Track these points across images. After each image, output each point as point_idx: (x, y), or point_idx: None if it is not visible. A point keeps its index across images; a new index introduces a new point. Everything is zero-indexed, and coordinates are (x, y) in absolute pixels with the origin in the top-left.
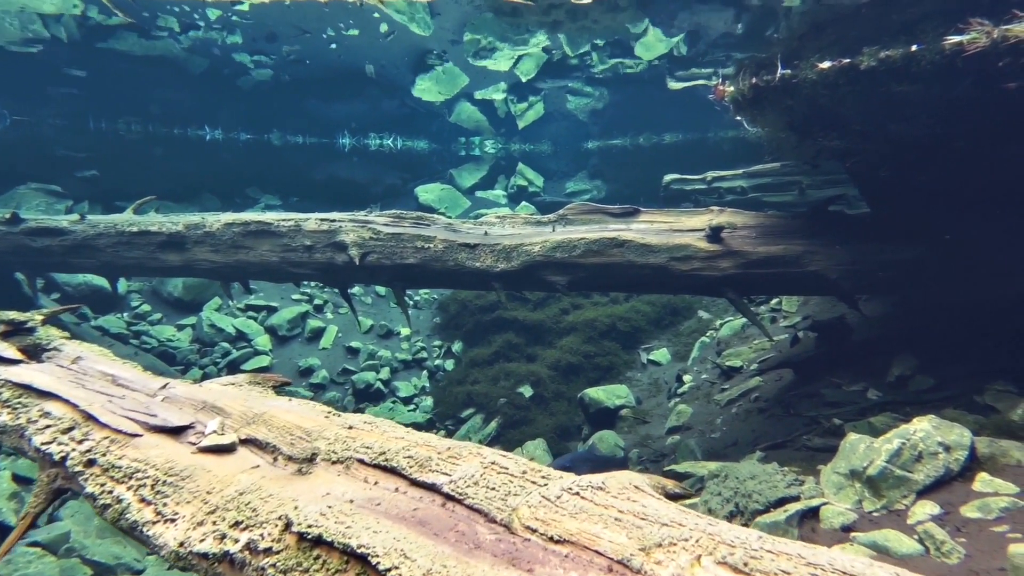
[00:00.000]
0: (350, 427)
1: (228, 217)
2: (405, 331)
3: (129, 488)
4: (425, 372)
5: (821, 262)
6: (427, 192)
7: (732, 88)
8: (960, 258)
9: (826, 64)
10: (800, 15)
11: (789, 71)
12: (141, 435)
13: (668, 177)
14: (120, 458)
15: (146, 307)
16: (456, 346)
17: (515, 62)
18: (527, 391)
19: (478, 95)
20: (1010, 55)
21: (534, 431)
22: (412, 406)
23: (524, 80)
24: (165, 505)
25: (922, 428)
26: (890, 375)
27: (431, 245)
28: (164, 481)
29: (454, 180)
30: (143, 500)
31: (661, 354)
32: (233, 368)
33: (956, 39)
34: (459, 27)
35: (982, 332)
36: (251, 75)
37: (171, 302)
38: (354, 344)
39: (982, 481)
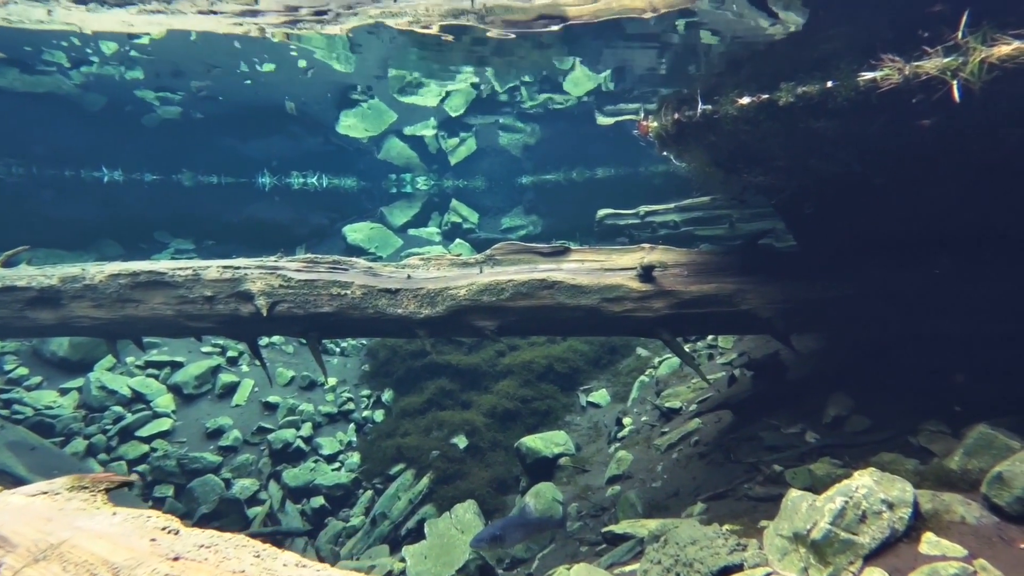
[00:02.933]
0: (176, 558)
1: (114, 268)
2: (330, 382)
3: None
4: (352, 425)
5: (753, 300)
6: (356, 232)
7: (656, 123)
8: (886, 295)
9: (745, 100)
10: (719, 53)
11: (710, 106)
12: None
13: (602, 212)
14: None
15: (22, 370)
16: (386, 395)
17: (443, 98)
18: (461, 442)
19: (407, 131)
20: (922, 92)
21: (469, 486)
22: (336, 464)
23: (454, 116)
24: None
25: (864, 484)
26: (826, 416)
27: (348, 292)
28: None
29: (385, 218)
30: None
31: (600, 395)
32: (126, 435)
33: (870, 75)
34: (382, 63)
35: (912, 369)
36: (156, 112)
37: (55, 363)
38: (272, 399)
39: (928, 543)
